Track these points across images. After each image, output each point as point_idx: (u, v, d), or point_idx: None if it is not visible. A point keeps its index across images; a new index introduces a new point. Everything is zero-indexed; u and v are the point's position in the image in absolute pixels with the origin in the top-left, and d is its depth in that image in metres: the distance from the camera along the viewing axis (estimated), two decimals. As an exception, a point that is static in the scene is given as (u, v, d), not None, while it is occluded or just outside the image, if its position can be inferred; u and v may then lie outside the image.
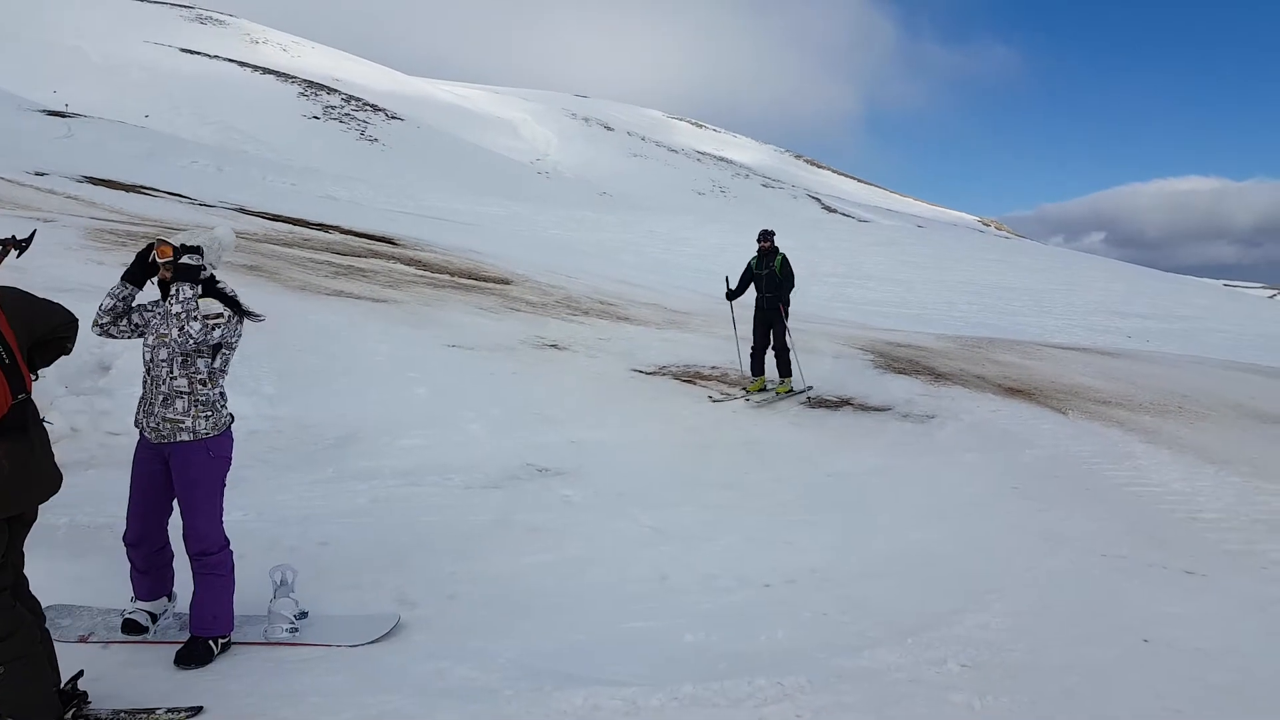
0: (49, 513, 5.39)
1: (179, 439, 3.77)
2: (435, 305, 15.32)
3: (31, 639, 3.06)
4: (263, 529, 5.29)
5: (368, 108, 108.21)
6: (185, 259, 3.72)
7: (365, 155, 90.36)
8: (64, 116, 50.00)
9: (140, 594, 4.06)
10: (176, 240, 3.76)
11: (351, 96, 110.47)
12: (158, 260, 3.79)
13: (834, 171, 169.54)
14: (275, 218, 26.88)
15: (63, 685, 3.27)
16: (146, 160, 39.06)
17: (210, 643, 3.88)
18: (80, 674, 3.36)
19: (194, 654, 3.83)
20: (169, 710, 3.40)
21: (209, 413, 3.80)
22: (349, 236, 25.91)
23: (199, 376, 3.77)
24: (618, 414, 9.27)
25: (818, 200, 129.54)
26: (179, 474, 3.81)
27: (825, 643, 4.38)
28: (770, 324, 10.52)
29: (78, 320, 3.37)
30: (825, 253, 34.77)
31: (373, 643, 4.11)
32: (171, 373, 3.78)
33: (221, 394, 3.88)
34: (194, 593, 3.90)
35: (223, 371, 3.89)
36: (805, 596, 5.00)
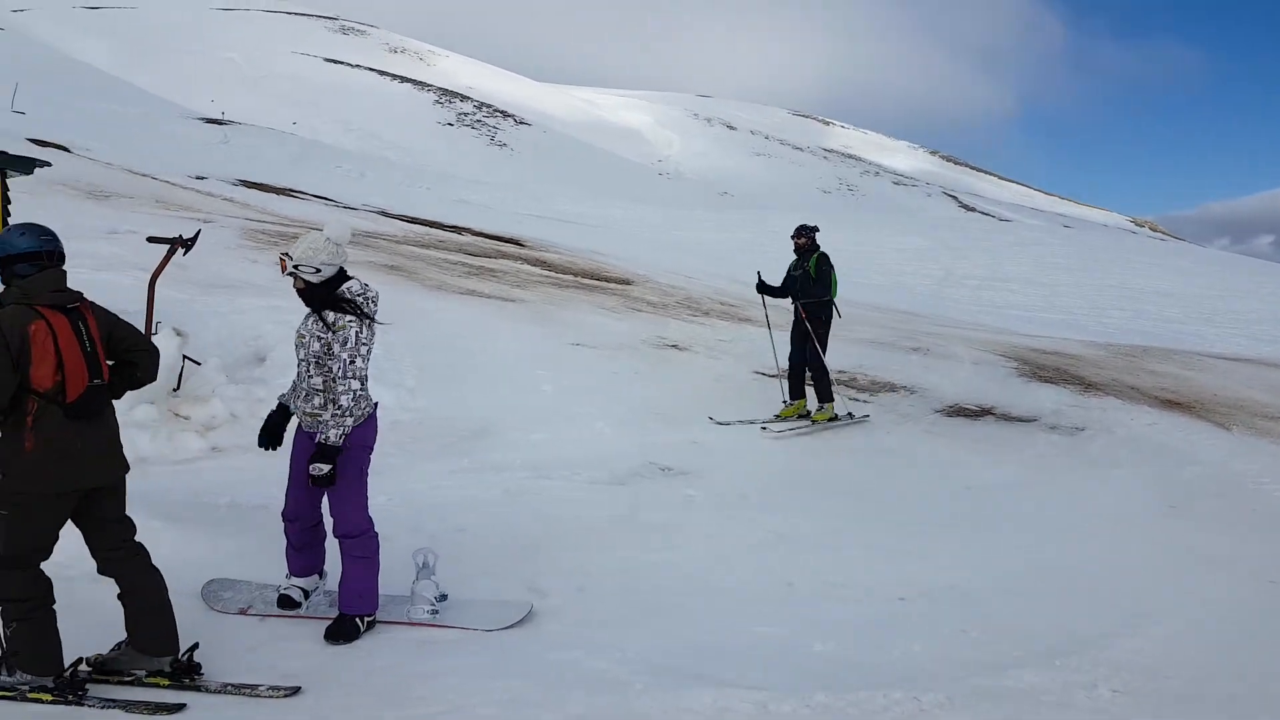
0: (212, 493, 5.84)
1: (320, 430, 3.98)
2: (560, 305, 15.66)
3: (44, 604, 3.45)
4: (406, 514, 5.55)
5: (498, 114, 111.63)
6: (295, 274, 3.90)
7: (495, 160, 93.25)
8: (220, 124, 53.75)
9: (294, 570, 4.30)
10: (292, 258, 3.91)
11: (483, 103, 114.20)
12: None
13: (973, 168, 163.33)
14: (413, 220, 28.03)
15: (180, 655, 3.56)
16: (295, 165, 41.50)
17: (357, 620, 4.06)
18: (195, 646, 3.61)
19: (341, 630, 4.03)
20: (270, 688, 3.56)
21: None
22: (480, 238, 26.81)
23: (333, 376, 3.92)
24: (739, 415, 9.22)
25: (954, 198, 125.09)
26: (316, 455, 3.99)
27: (964, 660, 4.23)
28: (805, 335, 9.03)
29: (157, 351, 3.73)
30: (963, 253, 33.51)
31: (507, 628, 4.23)
32: (309, 372, 3.99)
33: (363, 387, 4.01)
34: (342, 572, 4.11)
35: (361, 369, 3.99)
36: (941, 611, 4.84)
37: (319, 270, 3.89)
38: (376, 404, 4.20)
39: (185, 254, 8.92)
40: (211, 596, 4.34)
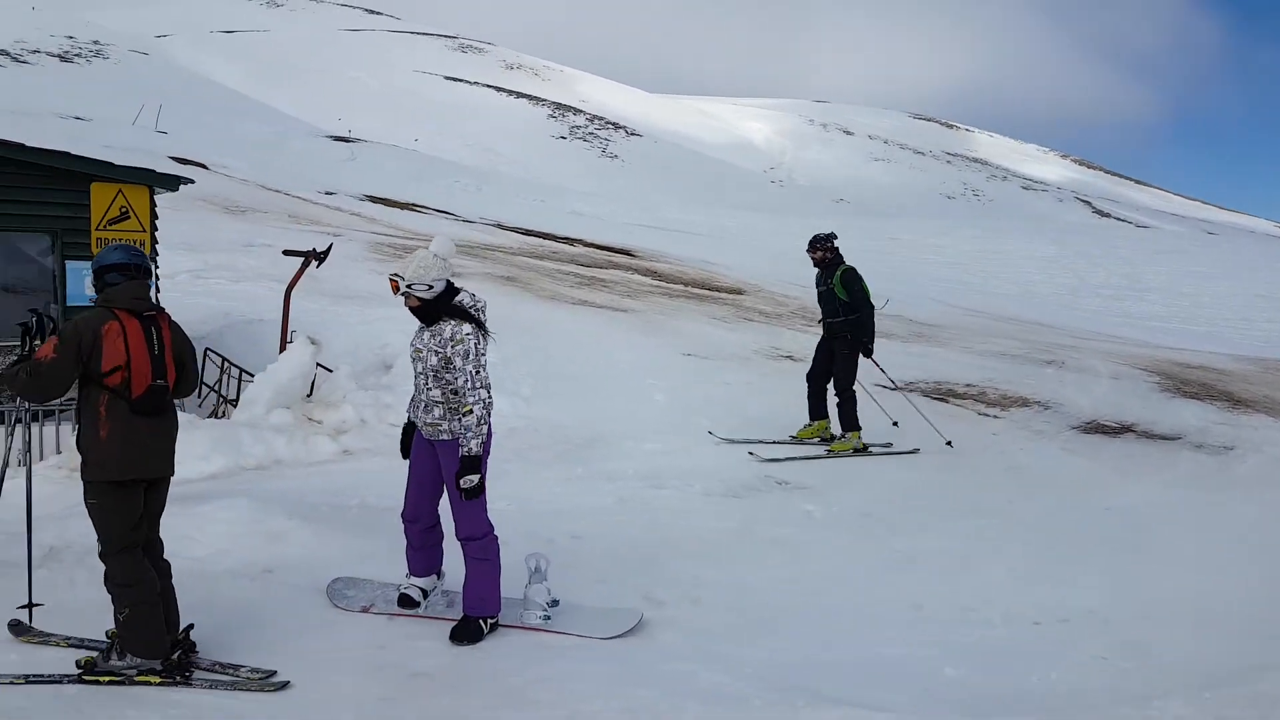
0: (343, 494, 6.12)
1: (440, 439, 4.14)
2: (671, 315, 15.74)
3: (152, 589, 3.69)
4: (522, 519, 5.68)
5: (609, 126, 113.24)
6: (409, 293, 4.02)
7: (606, 172, 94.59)
8: (347, 141, 56.49)
9: (414, 570, 4.44)
10: (404, 279, 4.01)
11: (595, 116, 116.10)
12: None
13: (1107, 172, 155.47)
14: (528, 232, 28.71)
15: (178, 635, 3.80)
16: (416, 180, 43.18)
17: (480, 622, 4.17)
18: (191, 626, 3.85)
19: (465, 632, 4.15)
20: (251, 670, 3.72)
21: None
22: (591, 249, 27.24)
23: (451, 387, 4.03)
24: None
25: (1088, 203, 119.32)
26: (444, 469, 4.18)
27: (1106, 689, 4.02)
28: (831, 355, 8.30)
29: (197, 378, 4.22)
30: (1098, 262, 31.92)
31: (619, 637, 4.26)
32: (428, 385, 4.12)
33: (485, 405, 4.07)
34: (465, 575, 4.23)
35: (486, 377, 4.08)
36: (1080, 638, 4.61)
37: (431, 286, 4.01)
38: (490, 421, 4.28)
39: (318, 266, 9.42)
40: (336, 594, 4.53)
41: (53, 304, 8.08)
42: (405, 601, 4.38)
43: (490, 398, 4.10)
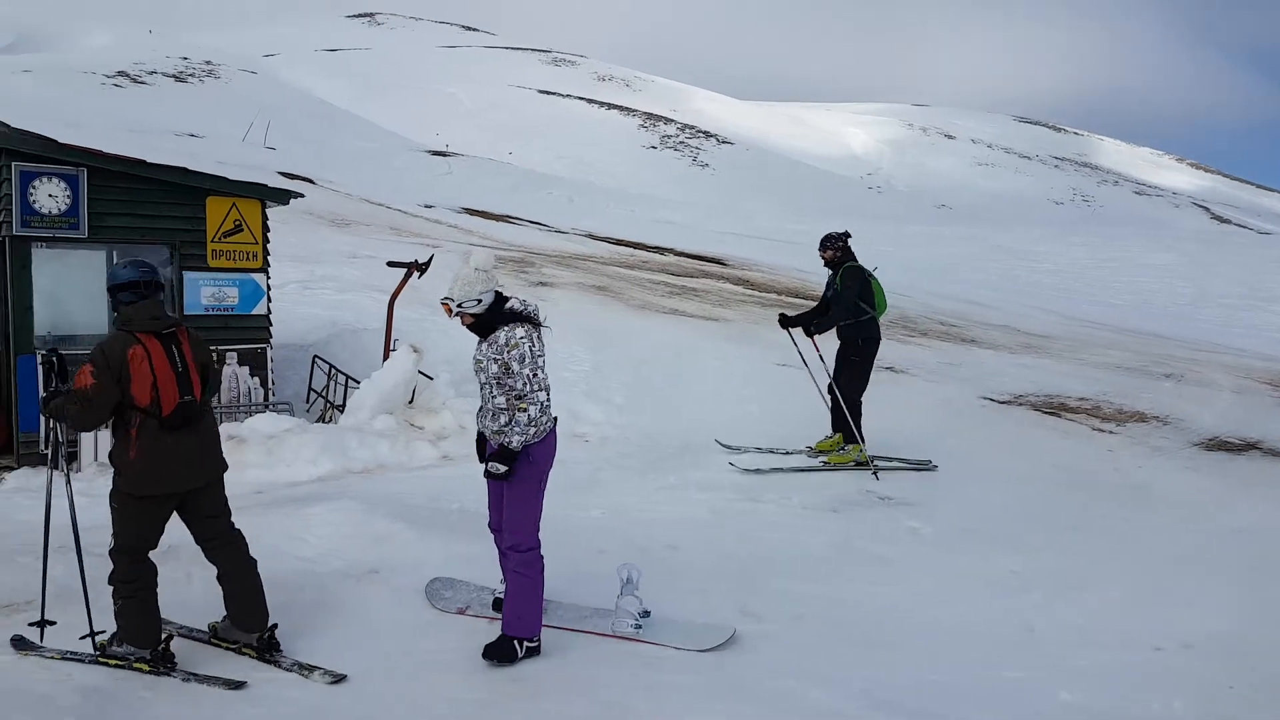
0: (444, 498, 6.29)
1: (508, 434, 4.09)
2: (764, 324, 15.60)
3: (147, 586, 3.94)
4: (618, 528, 5.74)
5: (700, 135, 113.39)
6: (462, 313, 4.07)
7: (697, 180, 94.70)
8: (445, 155, 58.13)
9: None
10: (454, 300, 4.08)
11: (686, 125, 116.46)
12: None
13: (1227, 177, 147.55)
14: (619, 242, 28.97)
15: (264, 633, 4.04)
16: (511, 193, 44.10)
17: (515, 643, 4.05)
18: (275, 626, 4.10)
19: (499, 650, 4.04)
20: (323, 672, 3.88)
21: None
22: (682, 258, 27.30)
23: (515, 392, 4.05)
24: (966, 444, 8.78)
25: (1205, 209, 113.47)
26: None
27: (1232, 719, 3.81)
28: (841, 361, 7.87)
29: (219, 379, 4.47)
30: (1216, 270, 30.30)
31: (711, 650, 4.23)
32: (492, 393, 4.14)
33: (540, 405, 4.08)
34: (504, 590, 4.18)
35: (544, 379, 4.10)
36: (1205, 664, 4.38)
37: (480, 300, 4.05)
38: (556, 419, 4.27)
39: (420, 277, 9.73)
40: (433, 595, 4.63)
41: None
42: (499, 605, 4.40)
43: (548, 400, 4.10)
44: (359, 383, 8.99)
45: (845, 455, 7.67)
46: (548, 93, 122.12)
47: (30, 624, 4.28)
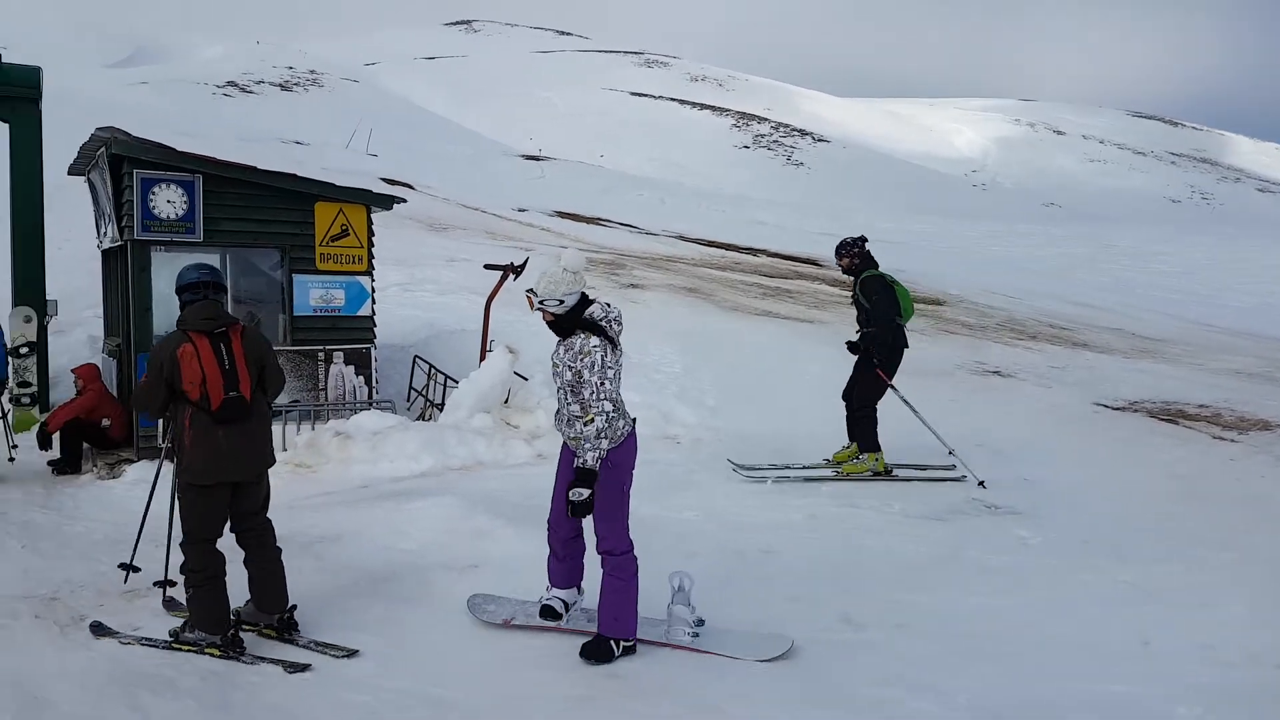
0: (540, 496, 6.34)
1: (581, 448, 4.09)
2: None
3: (216, 575, 4.21)
4: (712, 531, 5.73)
5: (795, 133, 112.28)
6: (542, 309, 4.08)
7: (791, 179, 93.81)
8: (537, 159, 59.12)
9: (555, 581, 4.42)
10: (537, 295, 4.09)
11: (780, 124, 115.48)
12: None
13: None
14: (710, 243, 28.93)
15: (284, 614, 4.33)
16: (602, 195, 44.51)
17: (612, 643, 4.11)
18: (294, 607, 4.39)
19: (596, 651, 4.10)
20: (335, 648, 4.14)
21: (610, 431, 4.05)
22: (775, 259, 27.08)
23: (586, 401, 4.04)
24: (1078, 452, 8.48)
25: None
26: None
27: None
28: (858, 368, 7.63)
29: (283, 380, 4.56)
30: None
31: (770, 660, 4.14)
32: (567, 400, 4.15)
33: (617, 410, 4.09)
34: (600, 592, 4.20)
35: (611, 390, 4.07)
36: (1341, 689, 4.12)
37: (562, 301, 4.05)
38: (634, 420, 4.26)
39: (515, 279, 9.93)
40: (476, 608, 4.52)
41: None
42: (548, 613, 4.40)
43: (616, 411, 4.07)
44: (457, 382, 9.23)
45: (861, 464, 7.39)
46: (640, 95, 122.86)
47: (155, 583, 4.72)
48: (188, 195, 8.41)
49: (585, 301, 4.13)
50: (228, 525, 4.34)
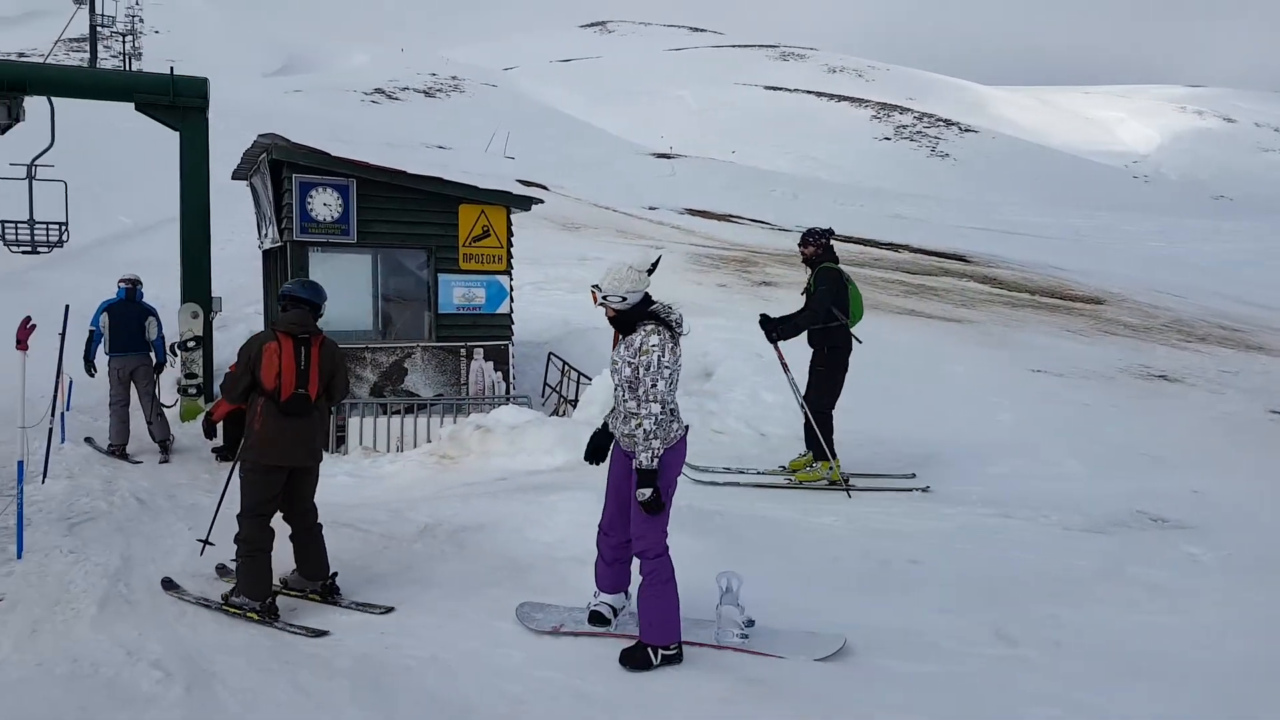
0: (683, 496, 6.40)
1: (635, 450, 4.09)
2: (1014, 326, 14.73)
3: (263, 548, 4.75)
4: (852, 537, 5.61)
5: (940, 123, 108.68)
6: (605, 304, 4.07)
7: (934, 171, 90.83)
8: (668, 158, 59.45)
9: (603, 586, 4.43)
10: (601, 290, 4.11)
11: (924, 114, 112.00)
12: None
13: None
14: (847, 239, 28.34)
15: (326, 580, 4.87)
16: (732, 191, 44.37)
17: (650, 651, 4.02)
18: (335, 574, 4.94)
19: (634, 657, 4.04)
20: (374, 606, 4.68)
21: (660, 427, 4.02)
22: (919, 254, 26.28)
23: (666, 397, 4.03)
24: (1255, 463, 7.88)
25: None
26: (633, 479, 4.12)
27: None
28: (809, 372, 7.20)
29: (346, 389, 5.13)
30: None
31: (822, 660, 4.05)
32: (624, 396, 4.13)
33: (672, 410, 4.08)
34: (639, 597, 4.14)
35: (669, 390, 4.05)
36: None
37: (625, 299, 4.07)
38: (687, 428, 4.23)
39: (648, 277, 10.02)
40: (524, 617, 4.50)
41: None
42: (596, 619, 4.39)
43: (664, 413, 4.03)
44: (590, 379, 9.38)
45: (815, 473, 7.02)
46: (774, 88, 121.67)
47: (198, 539, 5.34)
48: (343, 199, 8.89)
49: (648, 301, 4.14)
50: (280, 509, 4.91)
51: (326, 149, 9.15)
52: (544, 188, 32.74)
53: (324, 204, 8.85)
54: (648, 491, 3.98)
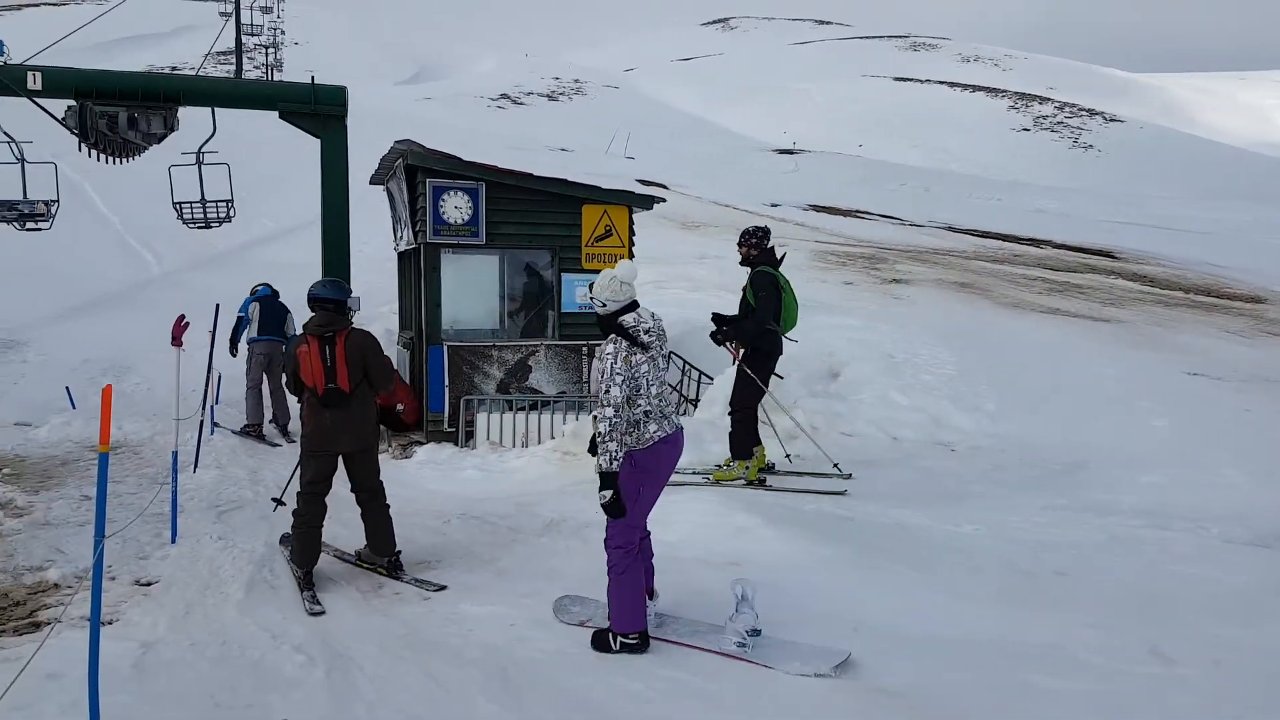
0: (797, 498, 6.33)
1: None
2: (1167, 326, 13.91)
3: (314, 523, 5.26)
4: (994, 547, 5.38)
5: (1083, 113, 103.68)
6: (588, 307, 4.18)
7: (1078, 164, 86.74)
8: (791, 153, 58.77)
9: None
10: (589, 294, 4.46)
11: (1066, 103, 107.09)
12: None
13: None
14: (983, 234, 27.38)
15: (392, 556, 5.38)
16: (859, 186, 43.46)
17: (609, 636, 4.25)
18: (399, 551, 5.43)
19: (596, 640, 4.31)
20: (429, 584, 5.12)
21: (631, 430, 4.23)
22: (1062, 250, 25.12)
23: (618, 401, 4.17)
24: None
25: None
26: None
27: None
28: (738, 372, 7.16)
29: (389, 373, 5.50)
30: None
31: (820, 676, 3.92)
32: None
33: (646, 413, 4.25)
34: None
35: (642, 395, 4.23)
36: None
37: (605, 305, 4.34)
38: (665, 437, 4.30)
39: (772, 275, 9.90)
40: (560, 609, 4.66)
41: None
42: None
43: (619, 417, 4.13)
44: (711, 379, 9.35)
45: (731, 472, 7.00)
46: (904, 79, 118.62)
47: (271, 498, 6.09)
48: (472, 201, 9.16)
49: (628, 309, 4.35)
50: (350, 488, 5.45)
51: (454, 154, 9.44)
52: (664, 186, 32.88)
53: (455, 207, 9.13)
54: (606, 494, 4.14)
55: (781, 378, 9.21)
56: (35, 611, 4.76)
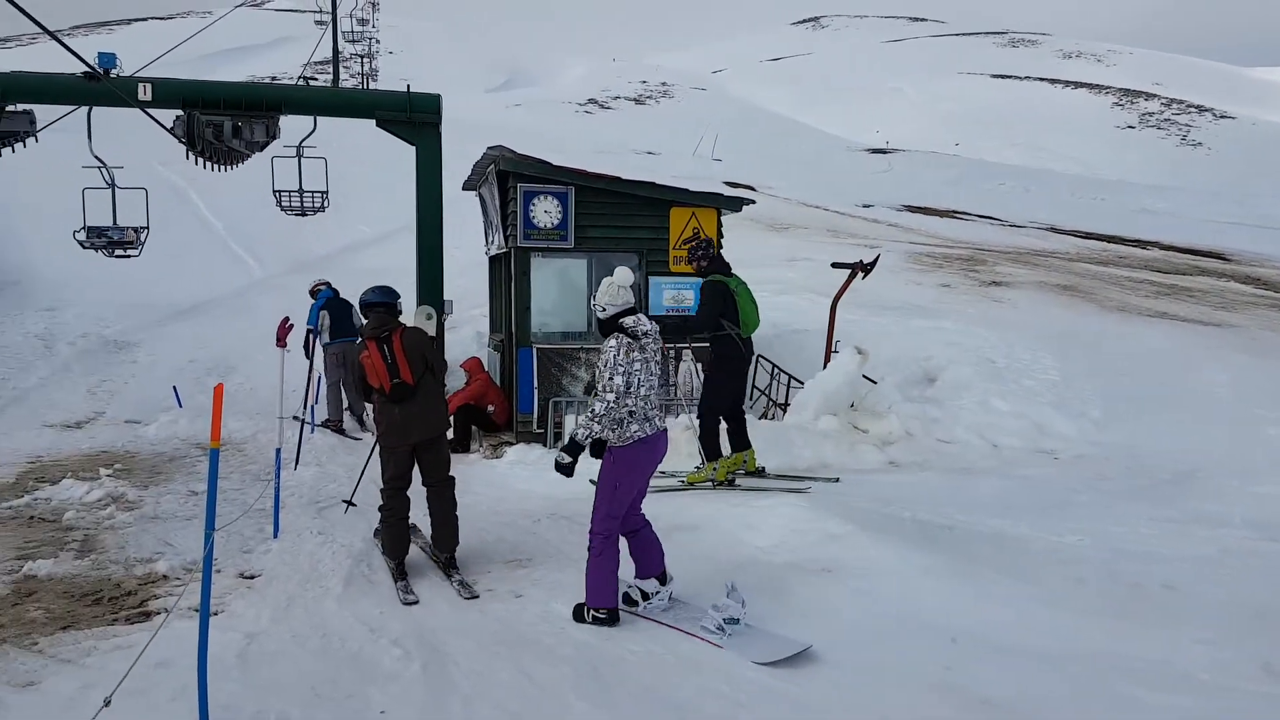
0: (895, 505, 6.23)
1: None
2: (1289, 331, 13.19)
3: (400, 515, 5.52)
4: (1099, 558, 5.20)
5: (1191, 109, 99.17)
6: (592, 311, 4.42)
7: (1186, 162, 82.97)
8: (884, 153, 57.72)
9: (637, 571, 4.85)
10: (595, 299, 4.84)
11: (1173, 100, 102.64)
12: None
13: None
14: (1087, 235, 26.46)
15: (452, 553, 5.56)
16: (955, 186, 42.41)
17: (584, 609, 4.65)
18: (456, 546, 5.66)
19: (574, 612, 4.71)
20: (460, 582, 5.33)
21: (615, 426, 4.60)
22: (1170, 252, 24.10)
23: (619, 389, 4.59)
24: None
25: None
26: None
27: None
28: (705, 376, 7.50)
29: (441, 364, 5.87)
30: None
31: (771, 664, 4.05)
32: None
33: (630, 413, 4.60)
34: (634, 583, 4.79)
35: (631, 394, 4.59)
36: None
37: (605, 309, 4.75)
38: (645, 437, 4.62)
39: (864, 278, 9.75)
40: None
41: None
42: (625, 600, 4.83)
43: (616, 405, 4.54)
44: (801, 382, 9.26)
45: (700, 474, 7.20)
46: (1002, 76, 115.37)
47: (343, 500, 6.49)
48: (562, 206, 9.29)
49: (628, 312, 4.75)
50: (421, 481, 5.61)
51: (544, 159, 9.59)
52: (751, 188, 32.69)
53: (545, 211, 9.27)
54: (566, 458, 4.62)
55: (875, 382, 9.07)
56: (145, 601, 5.02)
